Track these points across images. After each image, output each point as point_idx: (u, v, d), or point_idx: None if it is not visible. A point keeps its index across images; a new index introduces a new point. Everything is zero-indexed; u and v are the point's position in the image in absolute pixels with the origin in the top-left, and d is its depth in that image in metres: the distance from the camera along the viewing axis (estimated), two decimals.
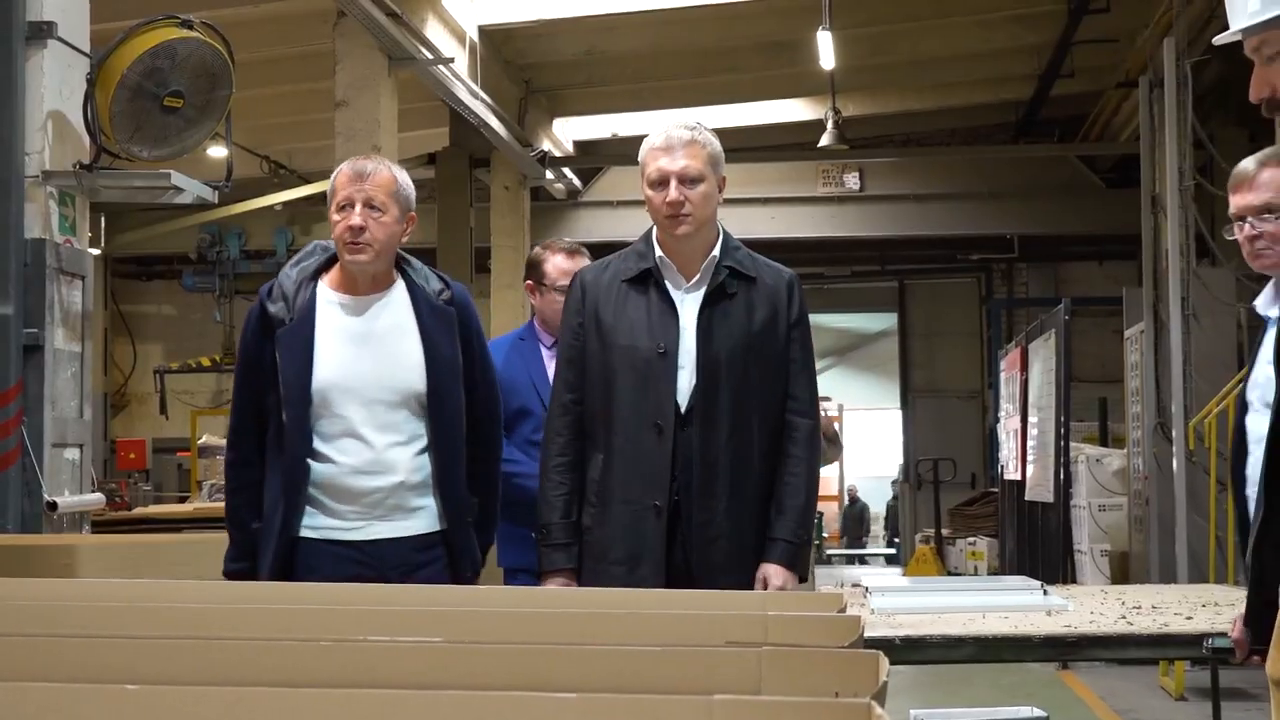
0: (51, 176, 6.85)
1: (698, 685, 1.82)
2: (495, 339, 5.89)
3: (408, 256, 4.91)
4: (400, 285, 4.83)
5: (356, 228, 4.62)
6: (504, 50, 16.20)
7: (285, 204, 19.83)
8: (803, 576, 4.77)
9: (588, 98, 18.33)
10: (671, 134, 4.72)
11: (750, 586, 4.53)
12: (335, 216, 4.69)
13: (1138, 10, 14.90)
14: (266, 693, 1.70)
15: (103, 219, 19.09)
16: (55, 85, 6.92)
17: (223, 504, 12.43)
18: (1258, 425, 4.12)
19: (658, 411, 4.63)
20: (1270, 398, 4.07)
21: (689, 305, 4.71)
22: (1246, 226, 4.22)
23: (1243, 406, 4.31)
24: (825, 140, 17.07)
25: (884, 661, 1.88)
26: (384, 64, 12.54)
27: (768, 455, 4.69)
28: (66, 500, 6.79)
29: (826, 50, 14.37)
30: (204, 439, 17.21)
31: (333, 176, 4.77)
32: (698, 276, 4.73)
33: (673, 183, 4.64)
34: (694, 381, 4.64)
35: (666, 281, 4.73)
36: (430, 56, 12.95)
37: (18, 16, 6.78)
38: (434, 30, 13.56)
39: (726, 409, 4.63)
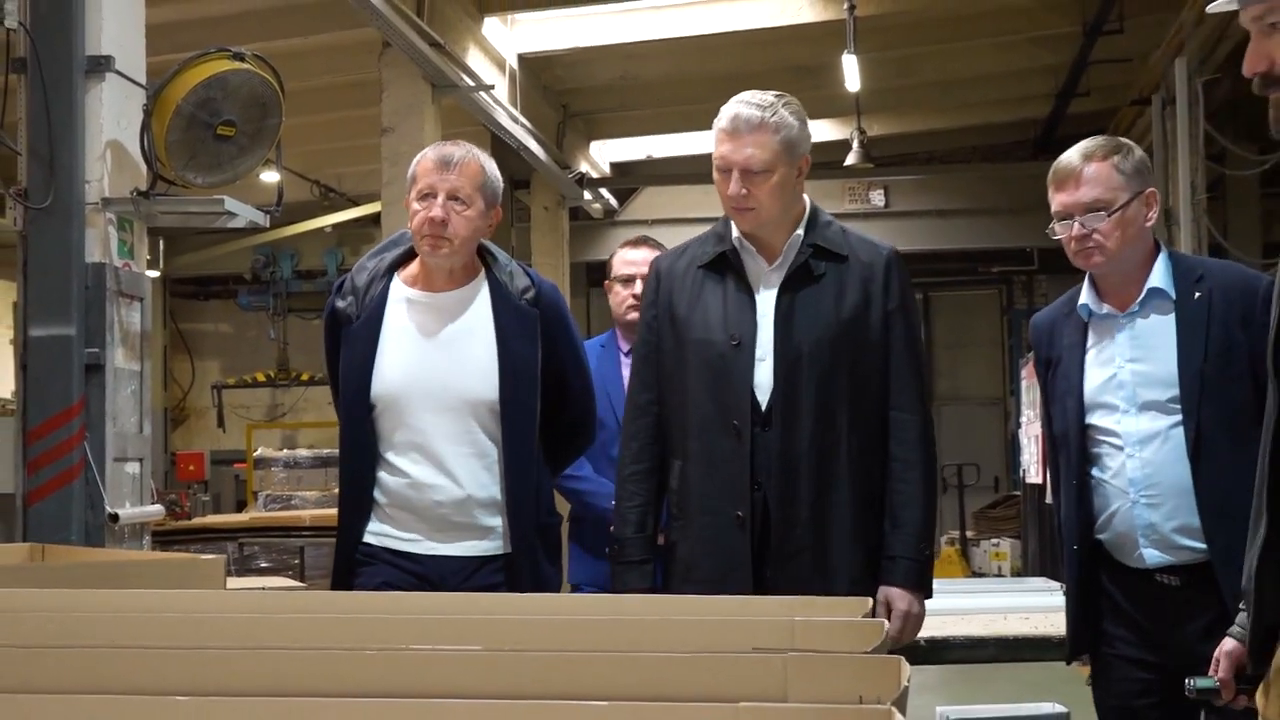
0: (110, 203, 6.87)
1: (725, 692, 1.81)
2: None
3: (494, 249, 4.35)
4: (482, 282, 4.27)
5: (437, 220, 4.09)
6: (542, 77, 16.21)
7: (335, 226, 19.90)
8: (928, 594, 4.08)
9: (623, 121, 18.33)
10: (740, 115, 3.99)
11: None
12: (415, 206, 4.15)
13: (1150, 31, 14.83)
14: (314, 703, 1.70)
15: (161, 242, 19.23)
16: (113, 116, 6.95)
17: (276, 514, 12.43)
18: (1134, 426, 3.91)
19: (734, 411, 3.94)
20: (1147, 396, 3.88)
21: (769, 291, 4.02)
22: (1075, 225, 3.92)
23: (1080, 410, 3.99)
24: (851, 159, 17.03)
25: (905, 666, 1.87)
26: (428, 91, 12.57)
27: (860, 457, 3.98)
28: (128, 512, 6.80)
29: (852, 73, 14.35)
30: (259, 451, 17.26)
31: (415, 161, 4.24)
32: (780, 259, 4.04)
33: (735, 174, 3.95)
34: (774, 376, 3.96)
35: (746, 265, 4.04)
36: (472, 84, 12.97)
37: (77, 51, 6.82)
38: (475, 59, 13.58)
39: (810, 406, 3.94)
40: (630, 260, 5.30)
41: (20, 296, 6.85)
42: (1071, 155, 3.98)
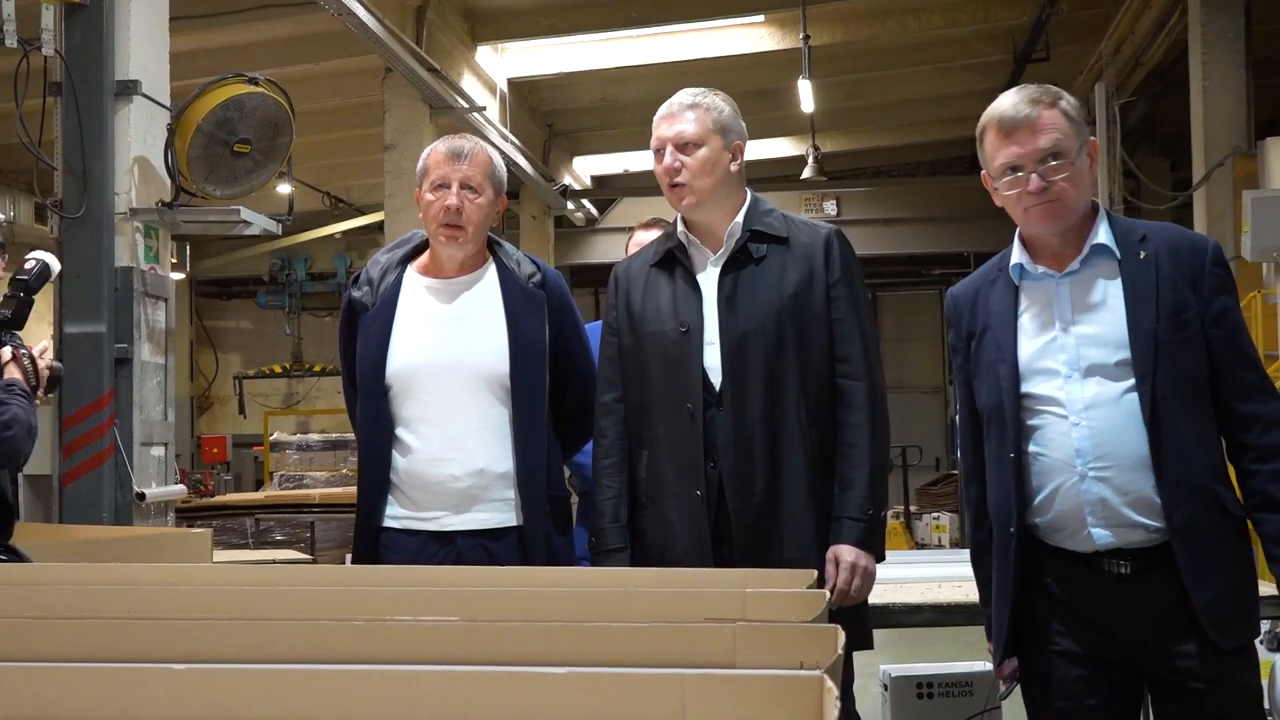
0: (137, 213, 6.84)
1: (679, 659, 1.78)
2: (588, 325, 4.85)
3: (500, 239, 4.18)
4: (491, 268, 4.07)
5: (453, 208, 3.91)
6: (530, 99, 16.20)
7: (344, 233, 19.95)
8: (880, 555, 3.74)
9: (602, 139, 18.33)
10: (674, 100, 3.84)
11: (807, 566, 3.34)
12: (429, 196, 3.96)
13: (1073, 59, 14.88)
14: (302, 670, 1.66)
15: (188, 248, 19.21)
16: (140, 134, 6.92)
17: (290, 492, 12.31)
18: (1079, 392, 3.18)
19: (687, 395, 3.71)
20: (1093, 360, 3.18)
21: (713, 278, 3.79)
22: (1034, 179, 3.19)
23: (1015, 377, 3.28)
24: (807, 173, 17.03)
25: (840, 634, 1.84)
26: (426, 112, 12.59)
27: (813, 426, 3.71)
28: (153, 491, 6.78)
29: (807, 96, 14.33)
30: (275, 435, 17.21)
31: (425, 154, 4.05)
32: (723, 247, 3.80)
33: (668, 149, 3.78)
34: (721, 357, 3.72)
35: (693, 257, 3.81)
36: (466, 106, 12.96)
37: (108, 76, 6.81)
38: (469, 83, 13.56)
39: (759, 382, 3.69)
40: (640, 241, 4.98)
41: (56, 297, 6.83)
42: (1015, 104, 3.23)
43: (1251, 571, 3.22)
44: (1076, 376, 3.21)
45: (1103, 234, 3.26)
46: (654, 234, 4.86)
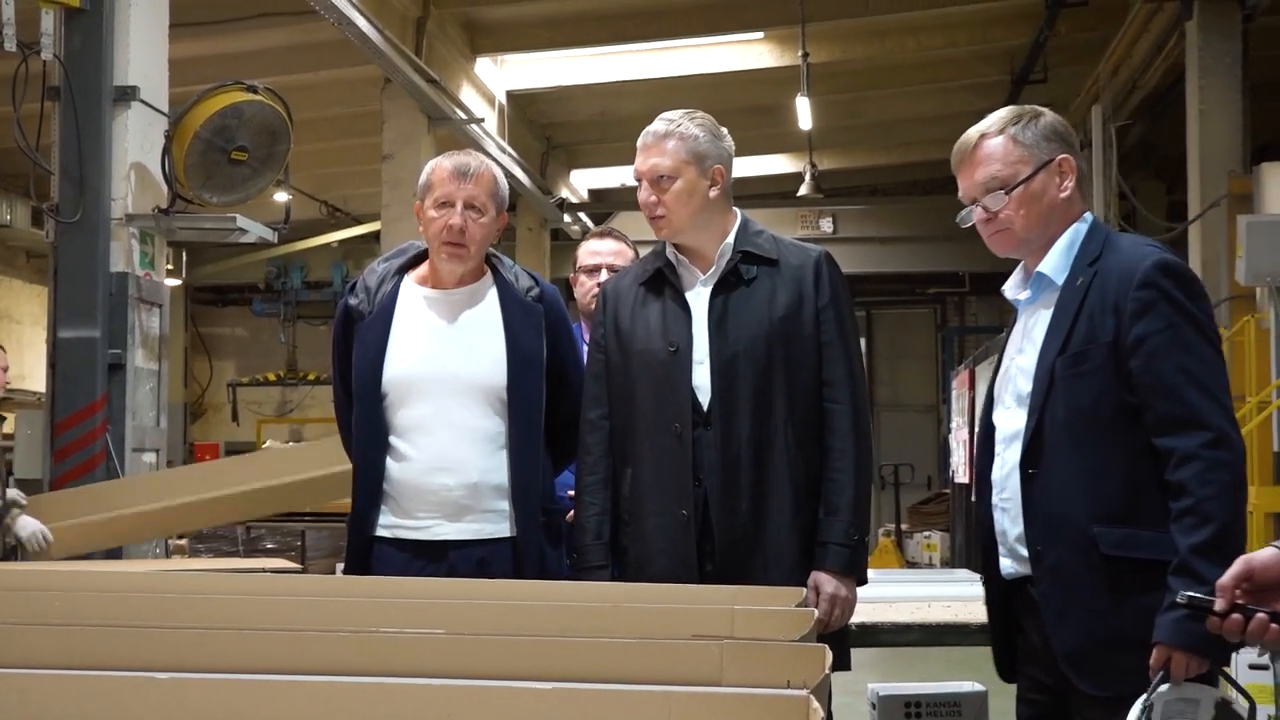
0: (134, 219, 6.84)
1: (664, 676, 1.77)
2: None
3: (499, 254, 4.11)
4: (489, 281, 4.01)
5: (457, 228, 3.85)
6: (528, 111, 16.21)
7: (340, 242, 19.95)
8: (861, 579, 3.77)
9: (600, 152, 18.34)
10: (648, 130, 3.81)
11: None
12: (433, 213, 3.89)
13: (1071, 82, 14.90)
14: (285, 681, 1.65)
15: (184, 254, 19.22)
16: (138, 140, 6.93)
17: None
18: (1007, 422, 3.19)
19: (675, 414, 3.68)
20: (1021, 391, 3.14)
21: (703, 298, 3.76)
22: (978, 211, 3.22)
23: (989, 402, 3.31)
24: (804, 190, 17.05)
25: (828, 654, 1.83)
26: (425, 123, 12.61)
27: (797, 448, 3.70)
28: None
29: (805, 114, 14.36)
30: (268, 443, 17.18)
31: (428, 169, 3.98)
32: (713, 268, 3.78)
33: (643, 183, 3.77)
34: (710, 377, 3.69)
35: (682, 277, 3.80)
36: (464, 117, 12.98)
37: (106, 82, 6.81)
38: (468, 94, 13.57)
39: (747, 403, 3.67)
40: (595, 250, 4.97)
41: (50, 301, 6.83)
42: (969, 132, 3.29)
43: (1134, 619, 2.95)
44: (1013, 406, 3.19)
45: (1050, 260, 3.21)
46: (607, 244, 4.97)
